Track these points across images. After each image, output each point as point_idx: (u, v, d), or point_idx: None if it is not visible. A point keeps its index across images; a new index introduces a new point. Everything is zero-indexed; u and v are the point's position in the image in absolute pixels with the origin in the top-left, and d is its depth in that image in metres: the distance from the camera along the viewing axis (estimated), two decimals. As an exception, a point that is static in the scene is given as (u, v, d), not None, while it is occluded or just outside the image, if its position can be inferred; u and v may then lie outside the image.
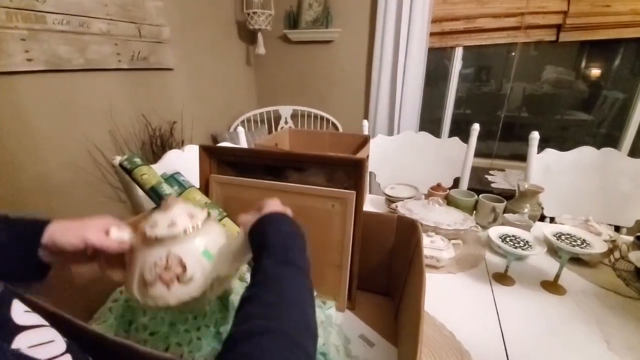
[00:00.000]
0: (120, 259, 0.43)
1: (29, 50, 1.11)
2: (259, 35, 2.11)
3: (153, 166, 0.73)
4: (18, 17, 1.07)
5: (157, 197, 0.67)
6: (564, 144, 2.09)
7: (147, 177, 0.57)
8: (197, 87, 1.92)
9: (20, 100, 1.14)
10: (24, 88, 1.14)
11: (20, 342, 0.24)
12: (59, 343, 0.26)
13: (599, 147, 1.14)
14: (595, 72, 1.96)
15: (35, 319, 0.27)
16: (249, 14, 2.01)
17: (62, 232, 0.39)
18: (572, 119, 2.08)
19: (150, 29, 1.53)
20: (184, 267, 0.39)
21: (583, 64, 1.97)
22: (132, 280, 0.40)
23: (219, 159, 0.73)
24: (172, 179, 0.65)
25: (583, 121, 2.05)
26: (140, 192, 0.90)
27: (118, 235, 0.42)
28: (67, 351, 0.26)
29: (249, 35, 2.25)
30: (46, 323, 0.27)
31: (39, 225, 0.39)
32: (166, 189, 0.61)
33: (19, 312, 0.26)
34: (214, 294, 0.43)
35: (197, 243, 0.41)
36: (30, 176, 1.19)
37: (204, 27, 1.91)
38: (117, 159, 0.64)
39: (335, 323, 0.59)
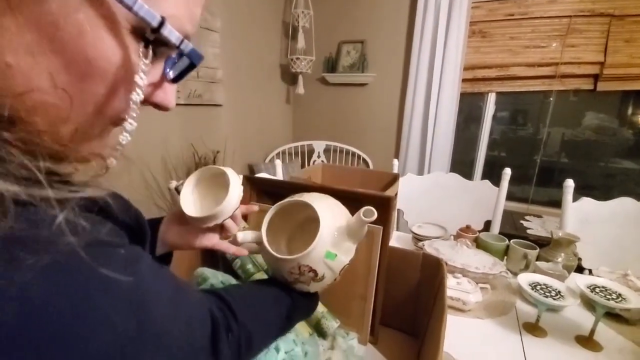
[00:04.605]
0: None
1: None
2: (300, 77, 2.31)
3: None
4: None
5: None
6: (608, 193, 1.98)
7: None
8: (240, 121, 2.11)
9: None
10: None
11: None
12: None
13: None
14: (643, 120, 1.90)
15: None
16: (292, 59, 2.23)
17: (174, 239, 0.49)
18: (618, 167, 1.98)
19: (207, 71, 1.74)
20: (315, 273, 0.46)
21: (629, 112, 1.92)
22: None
23: (258, 189, 0.81)
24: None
25: (630, 170, 1.95)
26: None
27: (244, 237, 0.50)
28: None
29: (290, 77, 2.47)
30: None
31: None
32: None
33: None
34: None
35: (319, 251, 0.46)
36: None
37: (251, 69, 2.13)
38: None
39: (357, 354, 0.60)
